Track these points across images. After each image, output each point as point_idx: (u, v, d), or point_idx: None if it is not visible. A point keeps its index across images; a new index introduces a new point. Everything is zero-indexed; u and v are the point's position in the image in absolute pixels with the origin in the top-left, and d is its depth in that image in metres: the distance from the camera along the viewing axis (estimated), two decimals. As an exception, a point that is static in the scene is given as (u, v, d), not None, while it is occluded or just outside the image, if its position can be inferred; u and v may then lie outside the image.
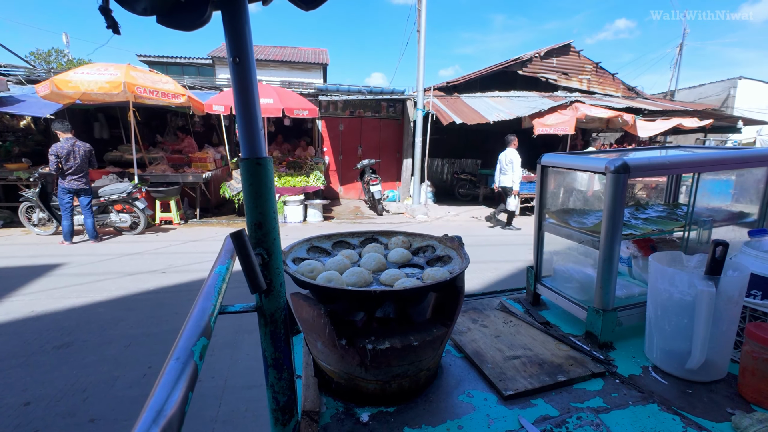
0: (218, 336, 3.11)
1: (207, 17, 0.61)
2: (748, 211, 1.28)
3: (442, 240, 1.13)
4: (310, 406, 0.84)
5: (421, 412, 0.87)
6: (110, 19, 0.51)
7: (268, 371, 0.76)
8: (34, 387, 2.45)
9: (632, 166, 1.02)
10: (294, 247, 1.08)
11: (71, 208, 5.64)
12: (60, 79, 5.79)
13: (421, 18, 8.94)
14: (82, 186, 5.60)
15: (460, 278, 0.92)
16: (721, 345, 0.94)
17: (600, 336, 1.11)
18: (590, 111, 8.85)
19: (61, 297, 3.86)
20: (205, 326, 0.58)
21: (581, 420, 0.82)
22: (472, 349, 1.10)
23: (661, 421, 0.82)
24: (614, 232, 1.06)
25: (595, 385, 0.96)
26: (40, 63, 19.23)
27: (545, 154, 1.31)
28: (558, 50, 11.95)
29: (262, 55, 16.25)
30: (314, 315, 0.85)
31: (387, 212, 9.07)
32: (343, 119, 10.48)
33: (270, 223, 0.70)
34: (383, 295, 0.82)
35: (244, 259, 0.62)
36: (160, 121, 10.27)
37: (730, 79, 15.41)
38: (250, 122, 0.65)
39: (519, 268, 5.03)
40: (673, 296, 0.95)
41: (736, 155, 1.17)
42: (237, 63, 0.62)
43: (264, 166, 0.67)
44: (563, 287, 1.30)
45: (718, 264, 0.88)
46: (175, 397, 0.42)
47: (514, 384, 0.94)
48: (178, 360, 0.48)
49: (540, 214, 1.37)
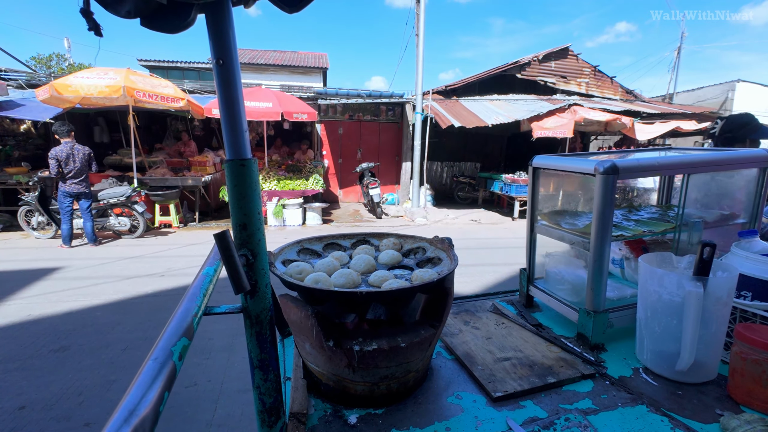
0: (215, 339, 3.11)
1: (191, 20, 0.62)
2: (739, 212, 1.28)
3: (433, 242, 1.14)
4: (297, 408, 0.84)
5: (409, 414, 0.86)
6: (92, 21, 0.51)
7: (254, 372, 0.76)
8: (29, 391, 2.44)
9: (621, 167, 1.03)
10: (284, 249, 1.08)
11: (71, 212, 5.64)
12: (60, 83, 5.82)
13: (419, 22, 8.99)
14: (83, 189, 5.62)
15: (449, 279, 0.91)
16: (711, 346, 0.94)
17: (591, 338, 1.10)
18: (589, 114, 8.87)
19: (59, 301, 3.85)
20: (187, 327, 0.58)
21: (569, 422, 0.82)
22: (462, 351, 1.10)
23: (650, 422, 0.82)
24: (604, 233, 1.06)
25: (584, 386, 0.95)
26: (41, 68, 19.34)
27: (537, 156, 1.31)
28: (556, 54, 11.99)
29: (263, 60, 16.33)
30: (302, 316, 0.85)
31: (386, 215, 9.08)
32: (343, 123, 10.51)
33: (255, 224, 0.70)
34: (369, 297, 0.82)
35: (228, 260, 0.62)
36: (160, 125, 10.31)
37: (729, 82, 15.42)
38: (235, 124, 0.66)
39: (518, 271, 5.02)
40: (663, 297, 0.95)
41: (724, 157, 1.17)
42: (221, 65, 0.63)
43: (248, 168, 0.67)
44: (555, 289, 1.30)
45: (706, 265, 0.88)
46: (150, 397, 0.42)
47: (504, 386, 0.93)
48: (156, 360, 0.48)
49: (532, 216, 1.37)
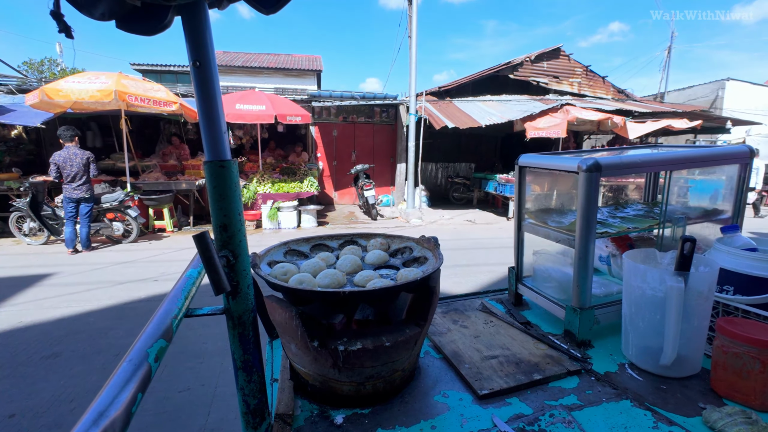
0: (209, 344, 3.09)
1: (168, 22, 0.62)
2: (722, 208, 1.29)
3: (419, 241, 1.14)
4: (283, 409, 0.84)
5: (395, 413, 0.86)
6: (62, 23, 0.51)
7: (237, 374, 0.76)
8: (20, 398, 2.41)
9: (603, 165, 1.04)
10: (270, 251, 1.08)
11: (72, 217, 5.61)
12: (50, 87, 5.77)
13: (412, 24, 9.02)
14: (83, 195, 5.60)
15: (434, 278, 0.92)
16: (694, 340, 0.95)
17: (578, 334, 1.11)
18: (581, 114, 8.94)
19: (51, 307, 3.82)
20: (165, 329, 0.58)
21: (554, 417, 0.82)
22: (450, 349, 1.10)
23: (633, 416, 0.83)
24: (588, 230, 1.07)
25: (570, 383, 0.96)
26: (32, 72, 19.18)
27: (522, 155, 1.32)
28: (548, 54, 12.07)
29: (256, 63, 16.30)
30: (287, 317, 0.85)
31: (381, 217, 9.08)
32: (337, 125, 10.51)
33: (235, 225, 0.70)
34: (353, 296, 0.82)
35: (207, 261, 0.62)
36: (153, 129, 10.25)
37: (719, 81, 15.62)
38: (213, 125, 0.66)
39: (512, 270, 5.03)
40: (646, 293, 0.96)
41: (705, 153, 1.18)
42: (197, 67, 0.63)
43: (227, 169, 0.67)
44: (543, 287, 1.31)
45: (686, 260, 0.89)
46: (123, 399, 0.42)
47: (490, 383, 0.94)
48: (131, 362, 0.48)
49: (519, 214, 1.38)
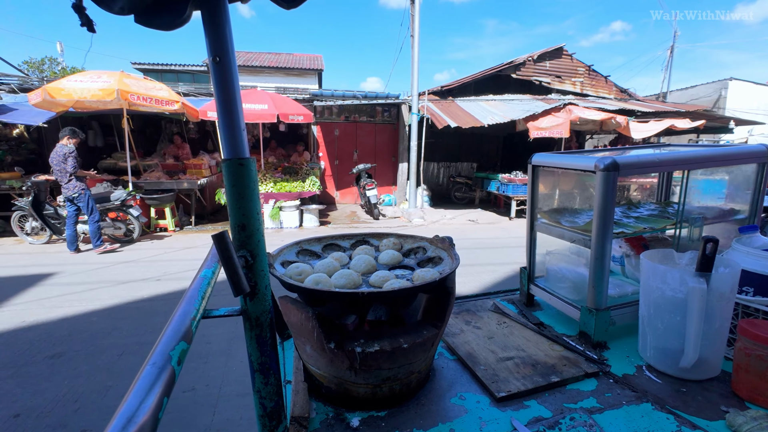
0: (213, 344, 3.08)
1: (187, 17, 0.60)
2: (739, 207, 1.28)
3: (433, 241, 1.13)
4: (299, 412, 0.83)
5: (412, 416, 0.85)
6: (84, 16, 0.50)
7: (254, 376, 0.75)
8: (24, 398, 2.40)
9: (622, 164, 1.02)
10: (283, 251, 1.07)
11: (73, 217, 5.56)
12: (52, 86, 5.76)
13: (414, 23, 9.00)
14: (69, 194, 5.36)
15: (451, 279, 0.90)
16: (714, 342, 0.94)
17: (593, 336, 1.10)
18: (584, 113, 8.91)
19: (54, 306, 3.80)
20: (185, 331, 0.56)
21: (574, 421, 0.81)
22: (464, 351, 1.09)
23: (655, 420, 0.81)
24: (605, 230, 1.05)
25: (588, 385, 0.95)
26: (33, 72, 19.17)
27: (536, 154, 1.31)
28: (551, 53, 12.04)
29: (258, 62, 16.27)
30: (302, 318, 0.83)
31: (383, 216, 9.06)
32: (339, 124, 10.49)
33: (254, 225, 0.69)
34: (371, 297, 0.81)
35: (226, 262, 0.60)
36: (154, 129, 10.24)
37: (721, 81, 15.58)
38: (232, 122, 0.64)
39: (516, 270, 5.02)
40: (665, 294, 0.94)
41: (724, 152, 1.17)
42: (217, 62, 0.61)
43: (246, 167, 0.66)
44: (556, 287, 1.29)
45: (708, 260, 0.88)
46: (149, 403, 0.40)
47: (507, 385, 0.92)
48: (155, 365, 0.47)
49: (532, 214, 1.36)
